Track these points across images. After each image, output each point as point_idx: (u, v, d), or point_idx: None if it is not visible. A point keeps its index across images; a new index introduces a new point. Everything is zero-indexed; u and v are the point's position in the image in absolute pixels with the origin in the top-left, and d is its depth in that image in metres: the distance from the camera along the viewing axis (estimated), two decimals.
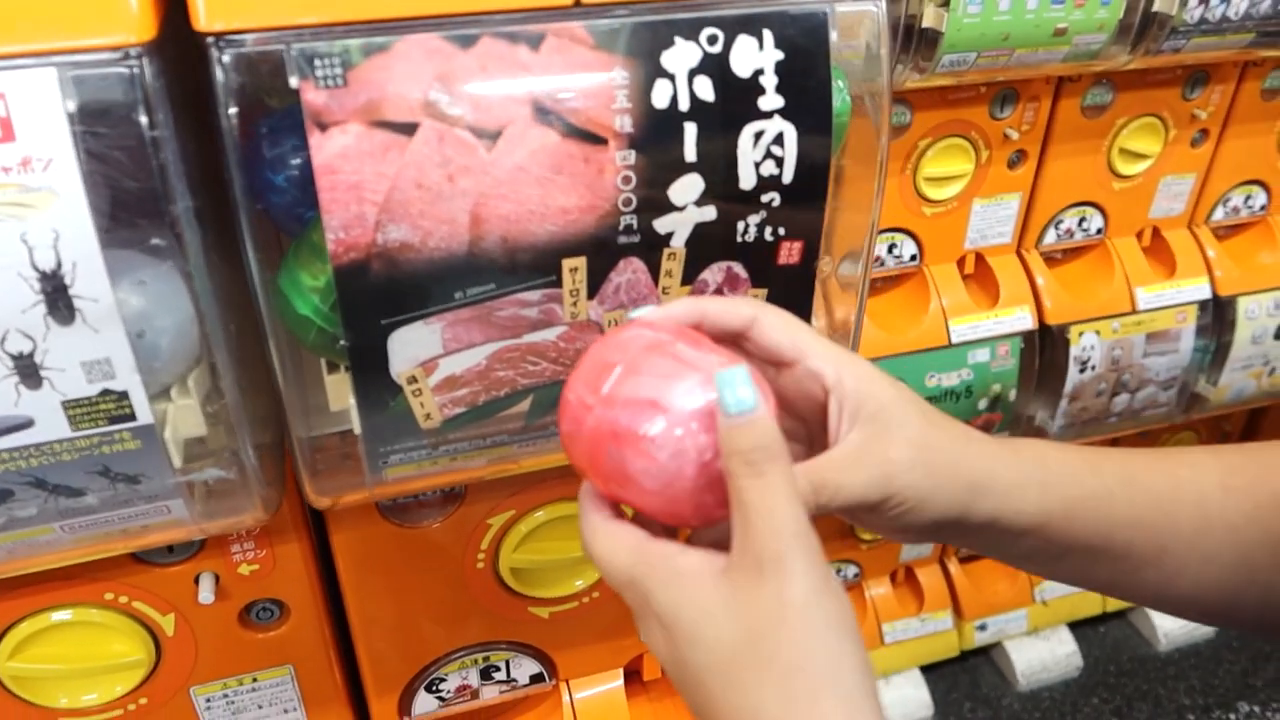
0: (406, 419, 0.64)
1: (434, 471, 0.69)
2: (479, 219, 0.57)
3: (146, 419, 0.59)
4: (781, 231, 0.63)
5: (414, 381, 0.62)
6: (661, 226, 0.61)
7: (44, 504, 0.60)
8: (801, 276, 0.65)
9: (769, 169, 0.60)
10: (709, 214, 0.61)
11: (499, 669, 0.96)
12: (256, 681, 0.87)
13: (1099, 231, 1.20)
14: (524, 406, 0.66)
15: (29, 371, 0.55)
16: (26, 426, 0.57)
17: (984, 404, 1.19)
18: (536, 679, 0.98)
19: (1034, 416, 1.24)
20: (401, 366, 0.61)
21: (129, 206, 0.54)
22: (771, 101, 0.59)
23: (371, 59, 0.53)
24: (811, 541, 0.44)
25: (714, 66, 0.58)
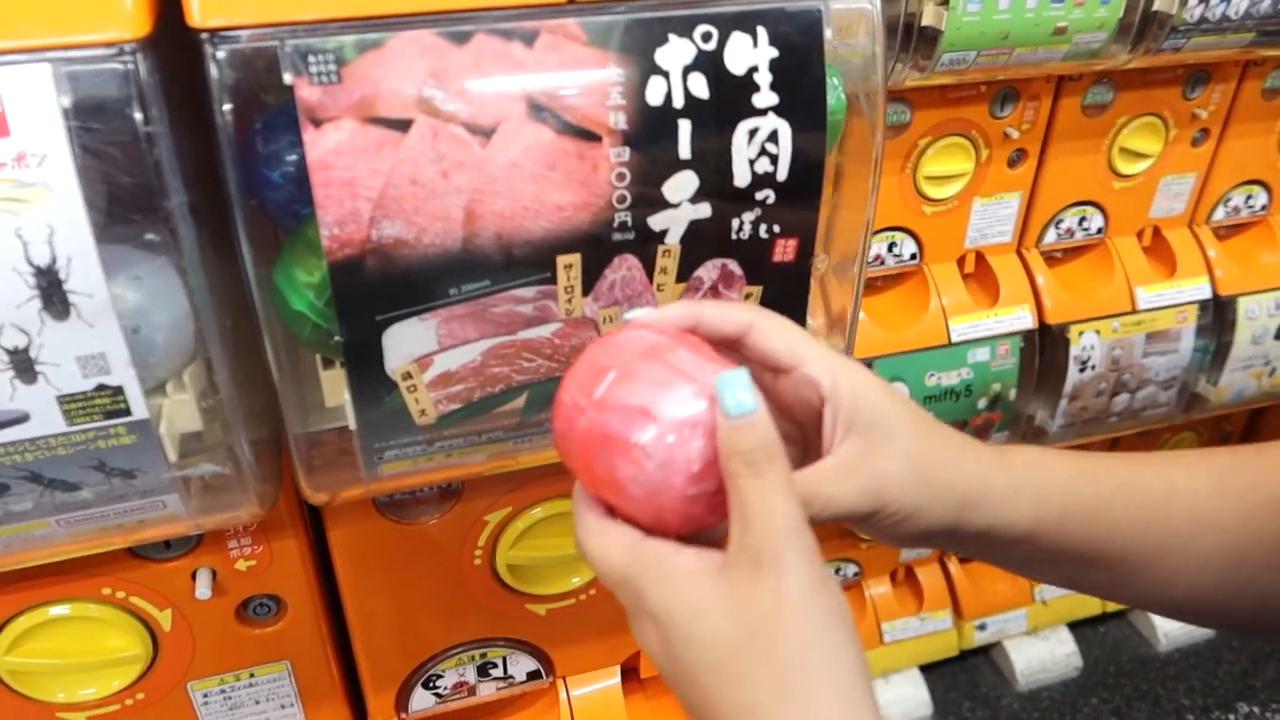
0: (401, 415, 0.64)
1: (429, 467, 0.69)
2: (473, 215, 0.57)
3: (142, 414, 0.59)
4: (776, 229, 0.63)
5: (409, 377, 0.62)
6: (656, 223, 0.61)
7: (39, 498, 0.61)
8: (796, 274, 0.65)
9: (763, 166, 0.60)
10: (703, 211, 0.61)
11: (496, 666, 0.96)
12: (254, 677, 0.88)
13: (1099, 231, 1.20)
14: (519, 403, 0.66)
15: (24, 366, 0.55)
16: (22, 421, 0.57)
17: (984, 403, 1.19)
18: (533, 676, 0.98)
19: (1034, 416, 1.24)
20: (396, 362, 0.61)
21: (124, 202, 0.54)
22: (766, 99, 0.59)
23: (366, 55, 0.54)
24: (809, 540, 0.44)
25: (708, 63, 0.58)
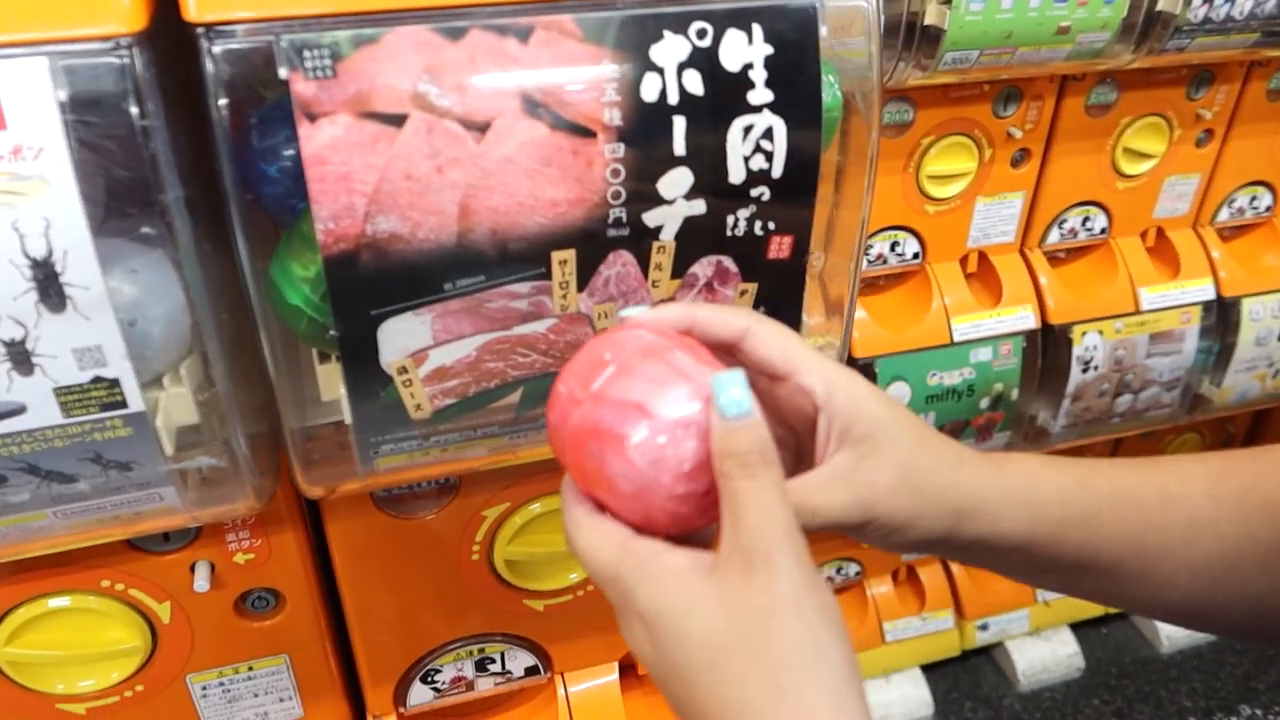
0: (397, 409, 0.64)
1: (426, 462, 0.69)
2: (468, 210, 0.58)
3: (138, 406, 0.59)
4: (771, 226, 0.63)
5: (404, 372, 0.63)
6: (651, 220, 0.61)
7: (36, 490, 0.61)
8: (792, 271, 0.66)
9: (758, 163, 0.61)
10: (698, 208, 0.61)
11: (494, 661, 0.96)
12: (252, 670, 0.88)
13: (1103, 231, 1.19)
14: (514, 398, 0.67)
15: (21, 358, 0.56)
16: (19, 413, 0.57)
17: (986, 403, 1.18)
18: (531, 671, 0.98)
19: (1036, 416, 1.24)
20: (392, 357, 0.62)
21: (120, 195, 0.54)
22: (761, 96, 0.59)
23: (361, 50, 0.54)
24: (800, 542, 0.44)
25: (703, 60, 0.58)
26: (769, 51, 0.58)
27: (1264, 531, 0.55)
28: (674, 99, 0.58)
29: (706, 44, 0.58)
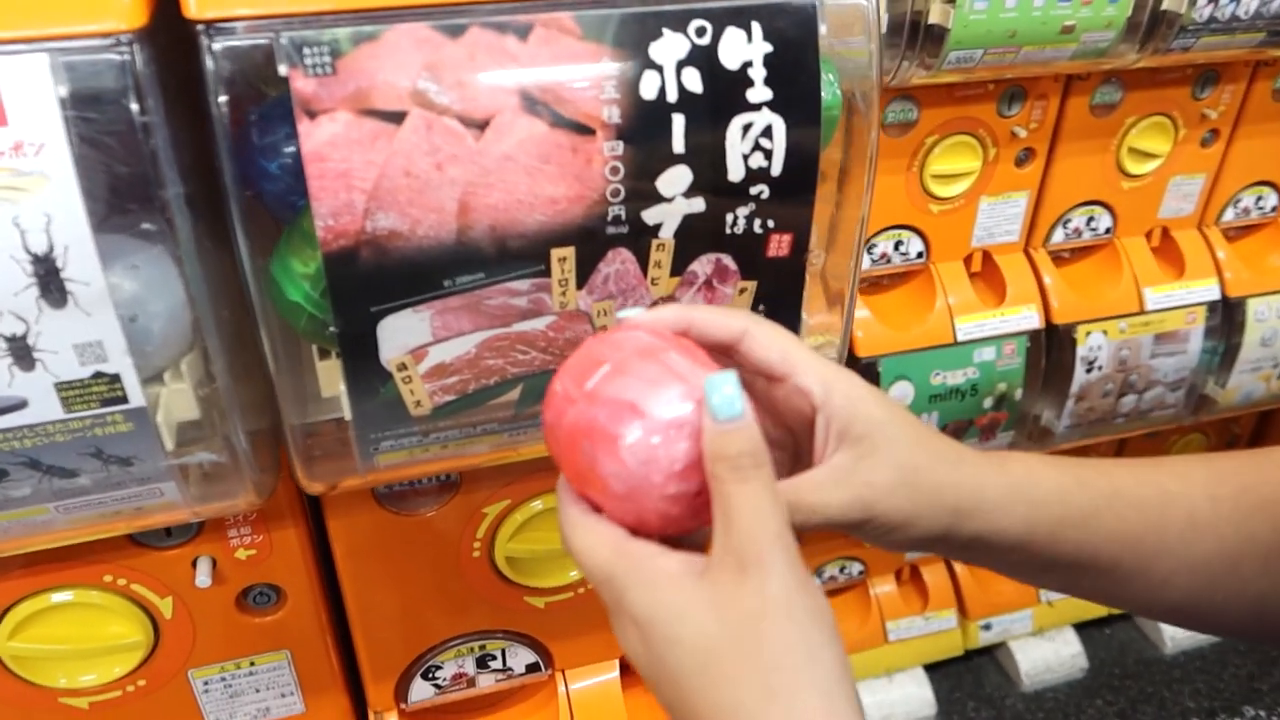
0: (397, 406, 0.65)
1: (425, 459, 0.70)
2: (467, 208, 0.58)
3: (139, 402, 0.59)
4: (771, 224, 0.63)
5: (404, 368, 0.63)
6: (650, 217, 0.61)
7: (38, 484, 0.61)
8: (791, 269, 0.66)
9: (758, 161, 0.61)
10: (697, 205, 0.61)
11: (495, 658, 0.96)
12: (254, 666, 0.88)
13: (1107, 231, 1.19)
14: (514, 395, 0.67)
15: (22, 353, 0.56)
16: (20, 407, 0.58)
17: (989, 403, 1.18)
18: (532, 668, 0.98)
19: (1040, 416, 1.23)
20: (391, 353, 0.62)
21: (120, 191, 0.55)
22: (760, 94, 0.59)
23: (360, 48, 0.54)
24: (792, 545, 0.44)
25: (702, 58, 0.58)
26: (768, 49, 0.58)
27: (1263, 532, 0.55)
28: (673, 97, 0.58)
29: (706, 42, 0.58)
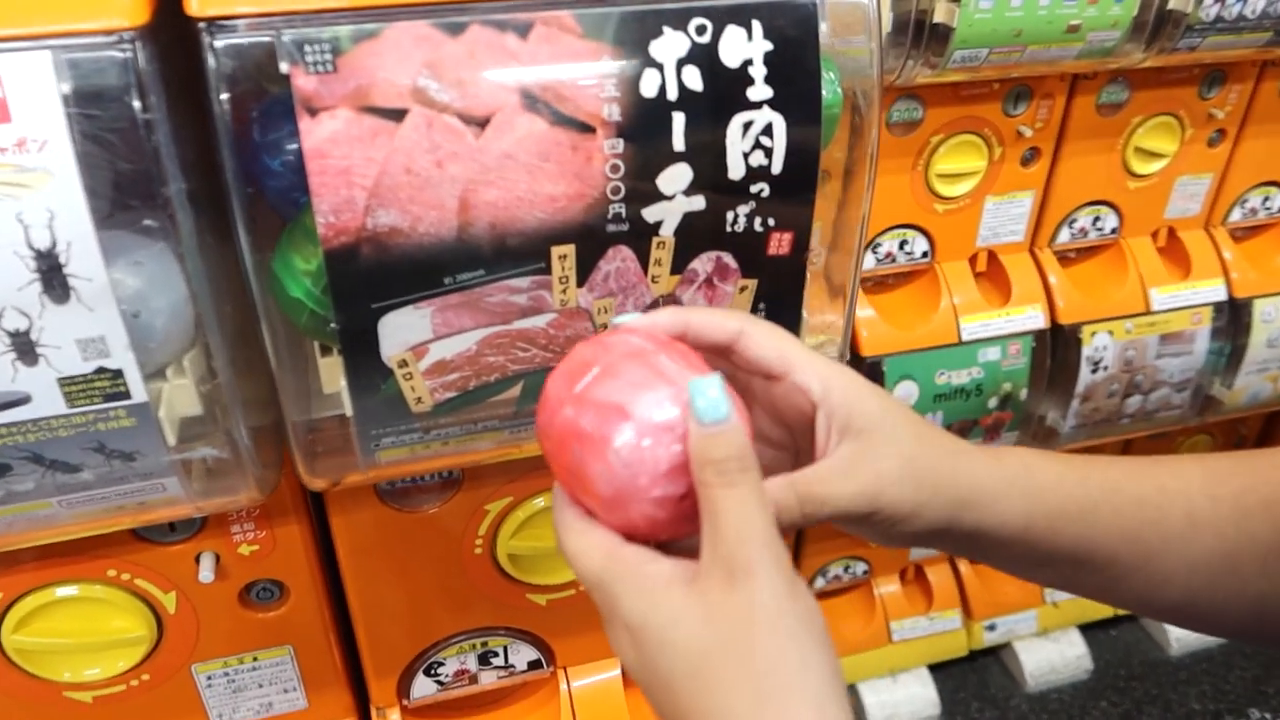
0: (398, 402, 0.65)
1: (427, 455, 0.70)
2: (468, 205, 0.58)
3: (141, 397, 0.60)
4: (771, 222, 0.63)
5: (404, 365, 0.63)
6: (650, 215, 0.61)
7: (41, 479, 0.62)
8: (792, 268, 0.66)
9: (758, 159, 0.61)
10: (698, 203, 0.61)
11: (497, 655, 0.96)
12: (257, 661, 0.89)
13: (1113, 231, 1.19)
14: (514, 392, 0.67)
15: (25, 348, 0.56)
16: (24, 402, 0.58)
17: (994, 403, 1.18)
18: (534, 665, 0.98)
19: (1045, 416, 1.23)
20: (392, 350, 0.62)
21: (123, 188, 0.55)
22: (760, 92, 0.59)
23: (361, 45, 0.54)
24: (780, 550, 0.44)
25: (702, 56, 0.58)
26: (768, 48, 0.58)
27: (1263, 532, 0.55)
28: (673, 95, 0.58)
29: (706, 40, 0.58)
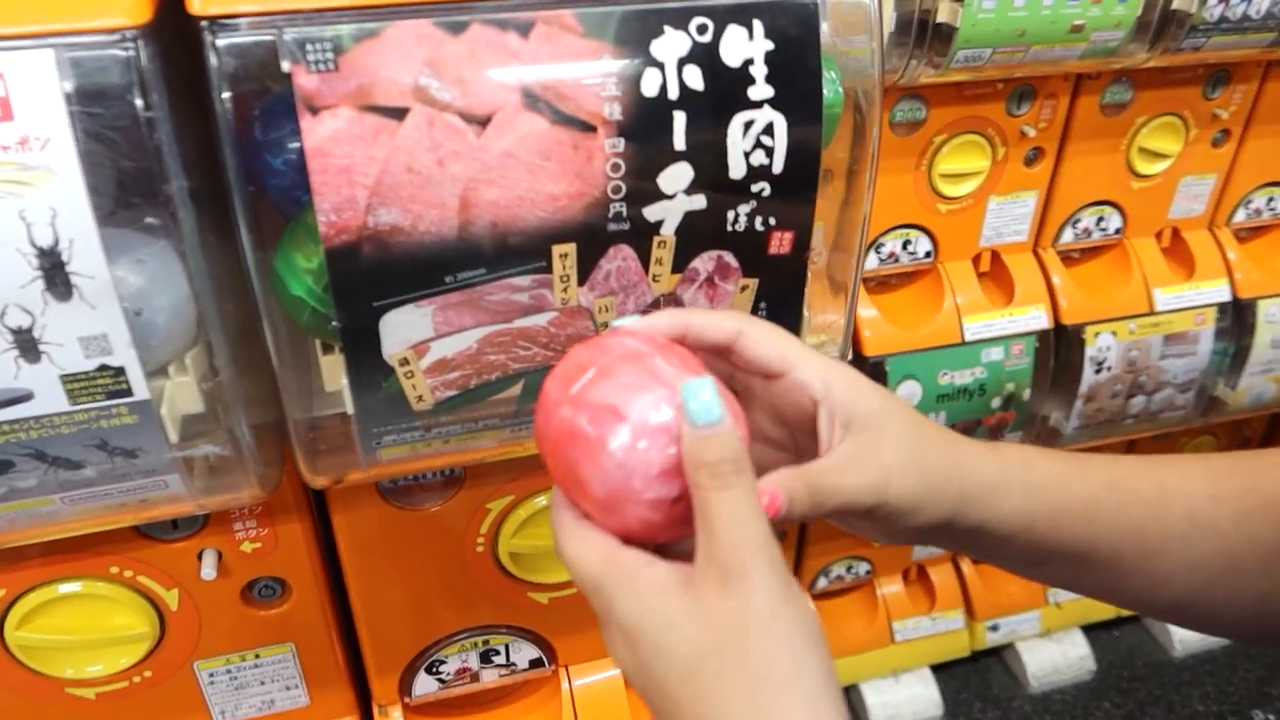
0: (399, 400, 0.65)
1: (428, 453, 0.70)
2: (468, 204, 0.58)
3: (143, 395, 0.60)
4: (772, 221, 0.63)
5: (406, 363, 0.63)
6: (651, 214, 0.61)
7: (44, 476, 0.62)
8: (793, 267, 0.66)
9: (759, 159, 0.61)
10: (699, 203, 0.61)
11: (499, 653, 0.97)
12: (259, 658, 0.89)
13: (1117, 231, 1.19)
14: (515, 391, 0.67)
15: (28, 346, 0.56)
16: (26, 399, 0.58)
17: (997, 403, 1.18)
18: (536, 664, 0.98)
19: (1048, 417, 1.23)
20: (393, 348, 0.62)
21: (125, 186, 0.55)
22: (761, 91, 0.59)
23: (362, 44, 0.54)
24: (774, 552, 0.44)
25: (703, 56, 0.58)
26: (770, 47, 0.59)
27: (1264, 532, 0.55)
28: (674, 94, 0.58)
29: (707, 39, 0.58)
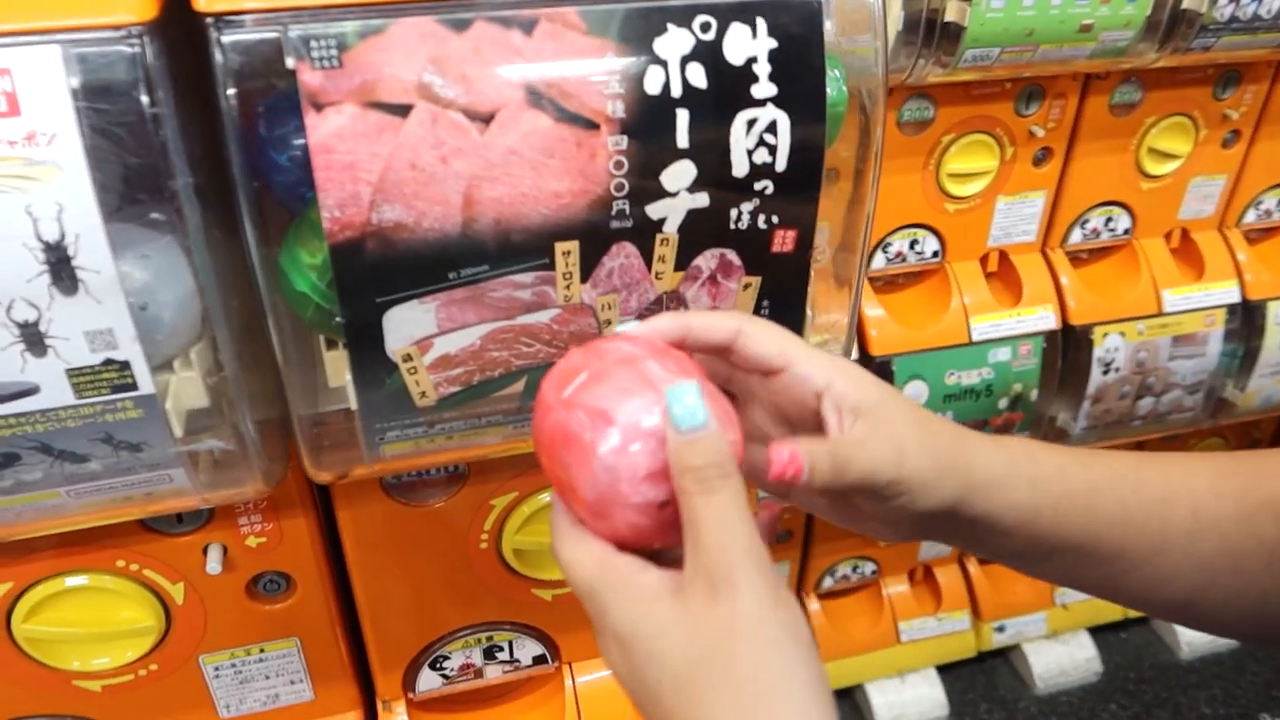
0: (402, 396, 0.65)
1: (431, 449, 0.70)
2: (472, 200, 0.58)
3: (148, 389, 0.60)
4: (775, 219, 0.63)
5: (409, 359, 0.63)
6: (654, 212, 0.61)
7: (49, 469, 0.62)
8: (796, 265, 0.66)
9: (762, 157, 0.61)
10: (701, 200, 0.61)
11: (502, 649, 0.97)
12: (264, 652, 0.89)
13: (1126, 232, 1.18)
14: (518, 387, 0.67)
15: (34, 339, 0.57)
16: (32, 393, 0.59)
17: (1004, 403, 1.18)
18: (539, 660, 0.99)
19: (1056, 417, 1.23)
20: (397, 344, 0.62)
21: (131, 182, 0.56)
22: (764, 90, 0.59)
23: (366, 41, 0.55)
24: (762, 557, 0.45)
25: (706, 54, 0.58)
26: (773, 45, 0.59)
27: (1268, 531, 0.55)
28: (677, 92, 0.58)
29: (710, 37, 0.58)
